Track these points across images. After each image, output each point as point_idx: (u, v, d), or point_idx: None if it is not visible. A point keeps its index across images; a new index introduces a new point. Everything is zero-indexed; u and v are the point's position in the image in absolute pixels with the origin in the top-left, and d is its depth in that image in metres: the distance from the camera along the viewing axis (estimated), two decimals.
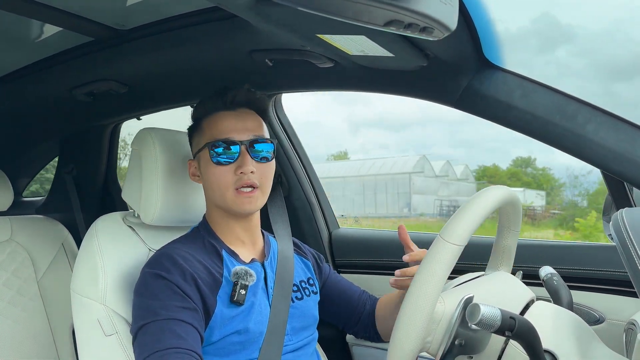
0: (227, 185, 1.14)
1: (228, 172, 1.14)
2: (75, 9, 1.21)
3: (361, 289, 1.41)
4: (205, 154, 1.17)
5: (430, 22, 0.76)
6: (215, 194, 1.17)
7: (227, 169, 1.14)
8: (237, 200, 1.14)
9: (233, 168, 1.14)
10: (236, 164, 1.14)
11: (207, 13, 1.22)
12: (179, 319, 1.02)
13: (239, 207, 1.15)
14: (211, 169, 1.15)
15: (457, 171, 21.13)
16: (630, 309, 1.32)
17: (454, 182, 20.72)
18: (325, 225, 1.89)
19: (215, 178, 1.15)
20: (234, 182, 1.14)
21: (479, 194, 0.91)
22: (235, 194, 1.14)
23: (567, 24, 14.67)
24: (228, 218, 1.21)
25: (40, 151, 2.27)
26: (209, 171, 1.16)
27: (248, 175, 1.13)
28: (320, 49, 1.18)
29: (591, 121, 1.09)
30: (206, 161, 1.17)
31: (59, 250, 1.68)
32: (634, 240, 0.84)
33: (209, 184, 1.18)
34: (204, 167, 1.18)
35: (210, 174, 1.16)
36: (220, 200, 1.17)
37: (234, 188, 1.14)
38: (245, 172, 1.13)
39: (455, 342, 0.85)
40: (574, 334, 0.91)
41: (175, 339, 1.00)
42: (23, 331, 1.54)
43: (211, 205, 1.23)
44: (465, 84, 1.21)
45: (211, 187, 1.17)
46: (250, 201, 1.15)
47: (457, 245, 0.83)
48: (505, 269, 1.12)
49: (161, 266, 1.09)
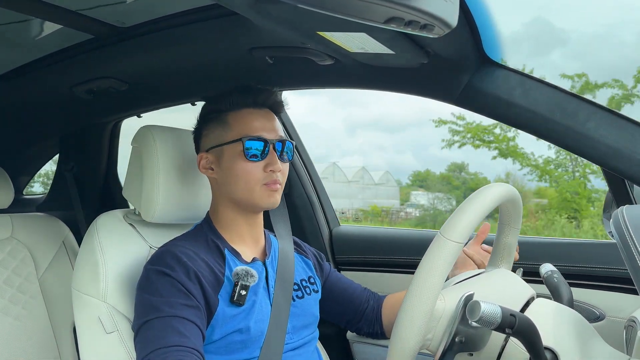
0: (257, 180, 1.17)
1: (258, 169, 1.17)
2: (75, 6, 1.21)
3: (362, 287, 1.41)
4: (233, 148, 1.18)
5: (430, 20, 0.75)
6: (239, 187, 1.18)
7: (257, 165, 1.17)
8: (265, 194, 1.18)
9: (262, 165, 1.17)
10: (265, 162, 1.17)
11: (207, 10, 1.22)
12: (181, 317, 1.02)
13: (266, 200, 1.18)
14: (241, 164, 1.17)
15: (376, 176, 22.30)
16: (631, 306, 1.32)
17: (370, 187, 21.86)
18: (326, 223, 1.89)
19: (245, 173, 1.17)
20: (262, 178, 1.17)
21: (479, 191, 0.91)
22: (262, 189, 1.18)
23: (561, 29, 14.73)
24: (236, 214, 1.21)
25: (40, 149, 2.27)
26: (237, 165, 1.17)
27: (276, 173, 1.17)
28: (321, 46, 1.17)
29: (592, 119, 1.09)
30: (235, 155, 1.17)
31: (60, 247, 1.68)
32: (635, 237, 0.84)
33: (234, 177, 1.18)
34: (228, 160, 1.18)
35: (239, 168, 1.17)
36: (244, 194, 1.18)
37: (262, 184, 1.17)
38: (275, 170, 1.17)
39: (456, 339, 0.85)
40: (575, 331, 0.91)
41: (177, 336, 1.00)
42: (24, 329, 1.54)
43: (222, 200, 1.22)
44: (466, 81, 1.21)
45: (236, 181, 1.18)
46: (274, 195, 1.19)
47: (457, 242, 0.83)
48: (506, 267, 1.12)
49: (165, 263, 1.09)
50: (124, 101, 1.74)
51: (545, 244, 1.57)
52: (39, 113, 1.84)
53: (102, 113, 1.90)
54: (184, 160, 1.30)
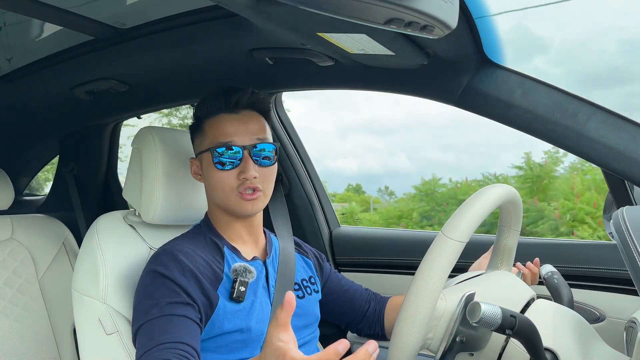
0: (230, 189, 1.15)
1: (231, 176, 1.14)
2: (75, 8, 1.21)
3: (363, 287, 1.41)
4: (207, 156, 1.17)
5: (430, 21, 0.76)
6: (217, 195, 1.18)
7: (229, 173, 1.15)
8: (240, 203, 1.15)
9: (236, 172, 1.14)
10: (239, 169, 1.14)
11: (207, 12, 1.22)
12: (169, 314, 1.02)
13: (242, 209, 1.16)
14: (213, 172, 1.16)
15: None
16: (631, 307, 1.32)
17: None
18: (326, 223, 1.89)
19: (218, 181, 1.16)
20: (236, 186, 1.15)
21: (480, 191, 0.91)
22: (238, 197, 1.15)
23: (540, 36, 14.71)
24: (230, 217, 1.21)
25: (40, 150, 2.27)
26: (211, 174, 1.17)
27: (251, 180, 1.14)
28: (321, 47, 1.17)
29: (592, 119, 1.09)
30: (208, 164, 1.17)
31: (60, 249, 1.69)
32: (635, 238, 0.84)
33: (212, 185, 1.18)
34: (206, 168, 1.18)
35: (212, 177, 1.16)
36: (222, 202, 1.18)
37: (237, 192, 1.15)
38: (248, 177, 1.13)
39: (457, 339, 0.85)
40: (575, 332, 0.91)
41: (161, 335, 0.99)
42: (24, 330, 1.54)
43: (213, 205, 1.23)
44: (466, 82, 1.21)
45: (213, 189, 1.18)
46: (252, 204, 1.16)
47: (459, 241, 0.83)
48: (506, 269, 1.12)
49: (160, 262, 1.09)
50: (124, 102, 1.74)
51: (545, 245, 1.57)
52: (39, 114, 1.84)
53: (102, 114, 1.90)
54: (184, 162, 1.30)
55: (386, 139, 30.85)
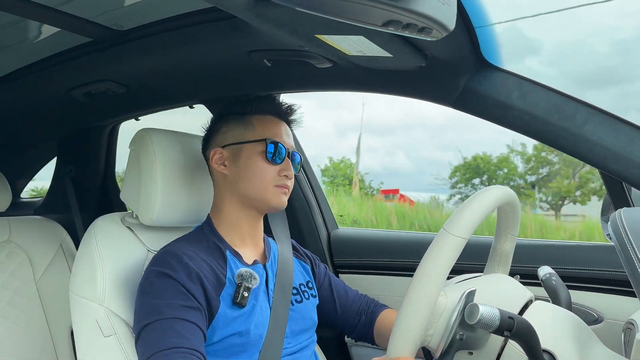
0: (271, 181, 1.22)
1: (274, 171, 1.22)
2: (73, 9, 1.21)
3: (360, 295, 1.40)
4: (255, 147, 1.22)
5: (428, 23, 0.76)
6: (253, 185, 1.21)
7: (274, 167, 1.22)
8: (276, 194, 1.23)
9: (278, 169, 1.23)
10: (281, 166, 1.23)
11: (205, 13, 1.22)
12: (182, 318, 1.02)
13: (277, 200, 1.23)
14: (259, 163, 1.21)
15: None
16: (629, 308, 1.32)
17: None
18: (324, 225, 1.89)
19: (262, 172, 1.21)
20: (276, 180, 1.22)
21: (482, 190, 0.93)
22: (274, 190, 1.23)
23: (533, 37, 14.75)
24: (240, 213, 1.23)
25: (38, 152, 2.27)
26: (254, 164, 1.21)
27: (290, 178, 1.25)
28: (319, 49, 1.17)
29: (590, 121, 1.09)
30: (254, 154, 1.22)
31: (58, 251, 1.68)
32: (632, 239, 0.85)
33: (250, 175, 1.21)
34: (247, 158, 1.22)
35: (256, 167, 1.21)
36: (257, 191, 1.21)
37: (274, 185, 1.22)
38: (290, 176, 1.24)
39: (457, 337, 0.85)
40: (573, 333, 0.91)
41: (178, 338, 1.00)
42: (21, 332, 1.53)
43: (229, 197, 1.24)
44: (464, 84, 1.21)
45: (251, 179, 1.21)
46: (285, 197, 1.25)
47: (461, 237, 0.83)
48: (503, 272, 1.12)
49: (167, 264, 1.09)
50: (122, 104, 1.73)
51: (543, 247, 1.57)
52: (37, 116, 1.83)
53: (100, 116, 1.90)
54: (182, 163, 1.30)
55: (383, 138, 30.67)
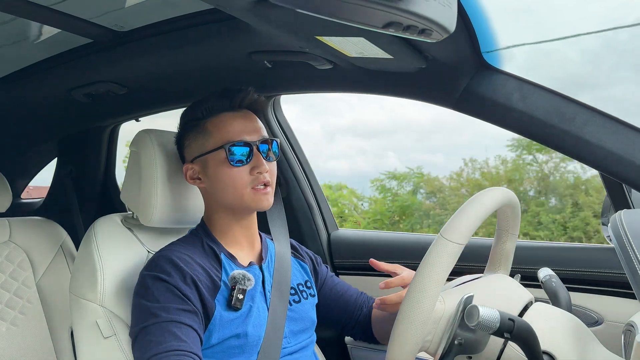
0: (244, 184, 1.16)
1: (244, 173, 1.16)
2: (74, 10, 1.21)
3: (359, 291, 1.40)
4: (216, 155, 1.17)
5: (429, 24, 0.76)
6: (229, 194, 1.17)
7: (242, 169, 1.16)
8: (255, 197, 1.17)
9: (248, 168, 1.16)
10: (251, 165, 1.16)
11: (205, 15, 1.22)
12: (178, 321, 1.02)
13: (258, 204, 1.17)
14: (226, 170, 1.16)
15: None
16: (629, 310, 1.32)
17: None
18: (324, 226, 1.89)
19: (231, 179, 1.16)
20: (250, 181, 1.16)
21: (480, 194, 0.91)
22: (252, 193, 1.17)
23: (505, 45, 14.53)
24: (231, 219, 1.21)
25: (39, 152, 2.26)
26: (222, 172, 1.17)
27: (264, 174, 1.17)
28: (319, 50, 1.18)
29: (590, 123, 1.09)
30: (219, 163, 1.17)
31: (58, 251, 1.68)
32: (632, 241, 0.84)
33: (222, 185, 1.17)
34: (214, 168, 1.18)
35: (224, 175, 1.17)
36: (235, 199, 1.17)
37: (250, 187, 1.17)
38: (262, 171, 1.16)
39: (455, 342, 0.85)
40: (573, 335, 0.91)
41: (175, 341, 1.00)
42: (21, 333, 1.53)
43: (215, 207, 1.22)
44: (464, 85, 1.21)
45: (224, 188, 1.17)
46: (266, 198, 1.18)
47: (458, 243, 0.83)
48: (504, 273, 1.12)
49: (161, 269, 1.08)
50: (123, 105, 1.74)
51: (543, 248, 1.57)
52: (37, 117, 1.84)
53: (101, 117, 1.90)
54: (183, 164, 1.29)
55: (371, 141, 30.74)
